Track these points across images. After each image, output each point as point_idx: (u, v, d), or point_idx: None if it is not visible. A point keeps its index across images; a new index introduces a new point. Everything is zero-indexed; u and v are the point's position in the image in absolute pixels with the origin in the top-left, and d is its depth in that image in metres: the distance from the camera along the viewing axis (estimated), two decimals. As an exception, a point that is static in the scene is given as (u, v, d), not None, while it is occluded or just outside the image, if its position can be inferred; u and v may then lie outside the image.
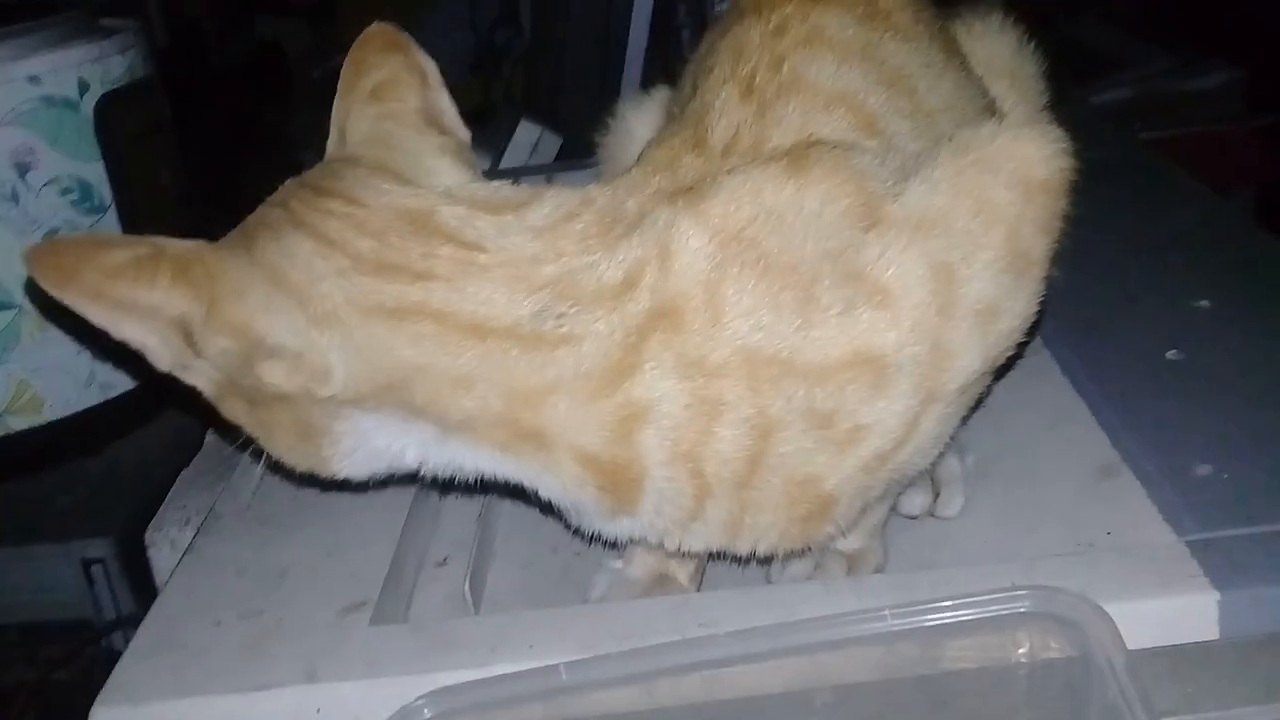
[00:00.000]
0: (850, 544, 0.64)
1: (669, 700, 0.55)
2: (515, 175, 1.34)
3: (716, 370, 0.52)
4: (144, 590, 0.95)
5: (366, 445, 0.57)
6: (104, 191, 1.03)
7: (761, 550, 0.58)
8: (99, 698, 0.59)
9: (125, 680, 0.61)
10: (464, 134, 0.62)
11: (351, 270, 0.53)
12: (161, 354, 0.55)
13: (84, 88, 1.00)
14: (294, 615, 0.64)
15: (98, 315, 0.53)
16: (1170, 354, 0.79)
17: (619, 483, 0.54)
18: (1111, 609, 0.57)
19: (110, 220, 1.04)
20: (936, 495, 0.69)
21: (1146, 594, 0.58)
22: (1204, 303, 0.85)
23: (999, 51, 0.74)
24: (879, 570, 0.65)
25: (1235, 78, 1.97)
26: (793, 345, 0.52)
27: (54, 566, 1.00)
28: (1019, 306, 0.56)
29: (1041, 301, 0.77)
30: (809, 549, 0.60)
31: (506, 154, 1.48)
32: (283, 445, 0.58)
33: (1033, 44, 0.76)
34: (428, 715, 0.51)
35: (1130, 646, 0.57)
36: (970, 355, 0.55)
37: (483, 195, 0.57)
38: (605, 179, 0.62)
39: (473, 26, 2.41)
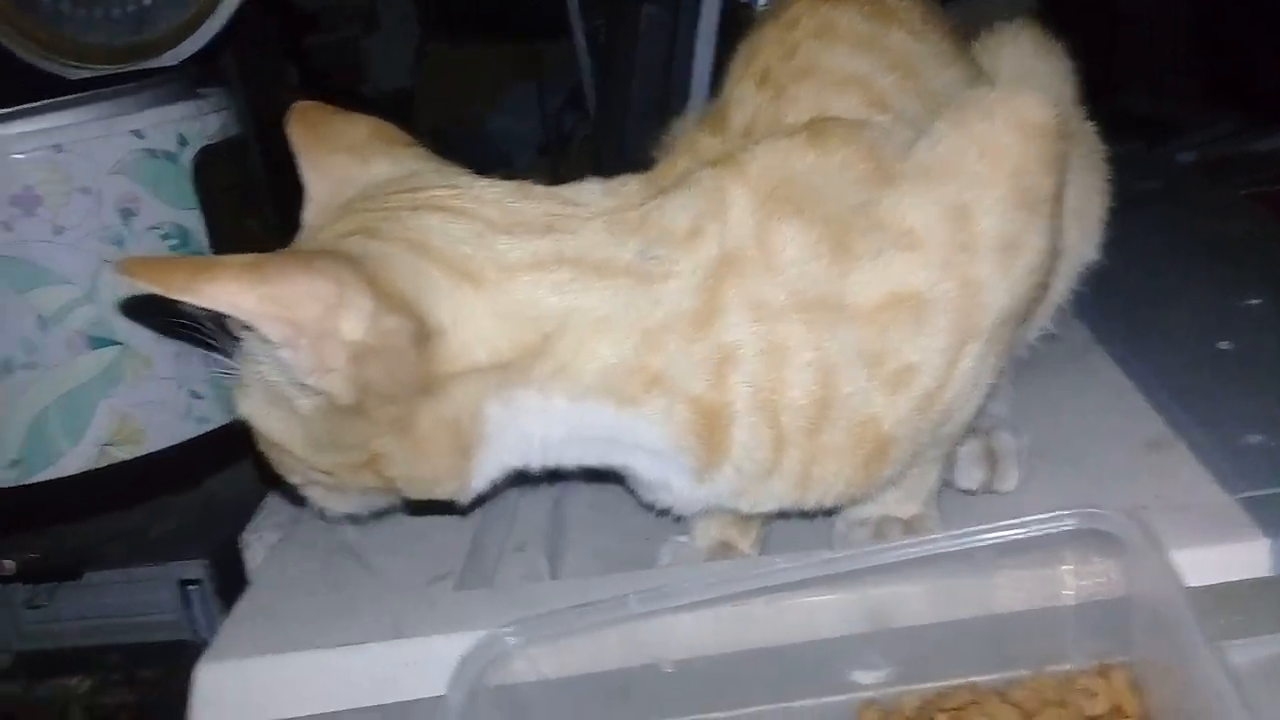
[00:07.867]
0: (907, 509, 0.66)
1: (731, 645, 0.58)
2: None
3: (778, 315, 0.57)
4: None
5: (507, 436, 0.58)
6: (200, 237, 1.10)
7: (828, 502, 0.61)
8: (203, 656, 0.64)
9: (228, 641, 0.65)
10: None
11: (487, 231, 0.56)
12: (306, 354, 0.53)
13: (183, 142, 1.08)
14: (382, 585, 0.68)
15: (248, 309, 0.52)
16: (1221, 344, 0.82)
17: (714, 429, 0.58)
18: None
19: (206, 265, 1.11)
20: (994, 471, 0.71)
21: (1200, 543, 0.60)
22: (1255, 300, 0.87)
23: (1009, 54, 0.75)
24: (935, 537, 0.67)
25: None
26: (837, 290, 0.57)
27: (153, 588, 1.04)
28: (1036, 241, 0.60)
29: (1082, 288, 0.80)
30: (869, 498, 0.63)
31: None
32: (417, 457, 0.57)
33: (1058, 43, 0.77)
34: (511, 642, 0.54)
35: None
36: (998, 290, 0.58)
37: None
38: None
39: (541, 113, 2.51)
